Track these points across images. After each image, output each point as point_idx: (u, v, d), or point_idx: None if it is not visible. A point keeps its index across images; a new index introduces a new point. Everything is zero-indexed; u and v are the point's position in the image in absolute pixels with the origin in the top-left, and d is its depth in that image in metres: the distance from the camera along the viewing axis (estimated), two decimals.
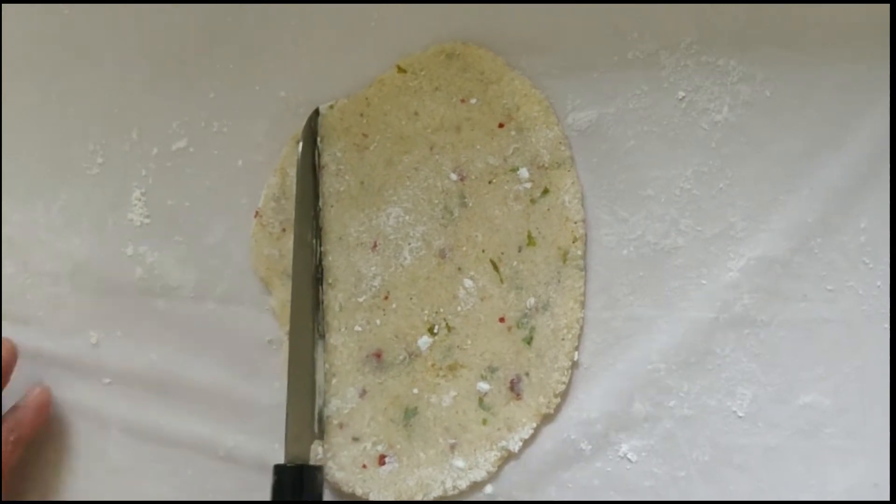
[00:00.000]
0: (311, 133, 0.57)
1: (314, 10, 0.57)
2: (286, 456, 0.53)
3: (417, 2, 0.56)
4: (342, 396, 0.56)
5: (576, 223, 0.54)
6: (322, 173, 0.57)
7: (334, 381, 0.56)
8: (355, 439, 0.56)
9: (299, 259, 0.56)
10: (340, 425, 0.56)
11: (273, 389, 0.57)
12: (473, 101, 0.55)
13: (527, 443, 0.54)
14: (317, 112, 0.57)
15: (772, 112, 0.53)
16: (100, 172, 0.59)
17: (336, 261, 0.57)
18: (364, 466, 0.55)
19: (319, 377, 0.56)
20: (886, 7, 0.51)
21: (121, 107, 0.60)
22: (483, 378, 0.55)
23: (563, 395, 0.54)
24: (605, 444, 0.54)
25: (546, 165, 0.54)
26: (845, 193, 0.52)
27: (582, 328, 0.54)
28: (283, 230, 0.57)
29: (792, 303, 0.52)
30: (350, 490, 0.55)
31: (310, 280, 0.56)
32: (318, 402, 0.56)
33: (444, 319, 0.55)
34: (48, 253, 0.60)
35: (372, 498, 0.55)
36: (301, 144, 0.56)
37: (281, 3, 0.57)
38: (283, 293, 0.57)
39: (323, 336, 0.56)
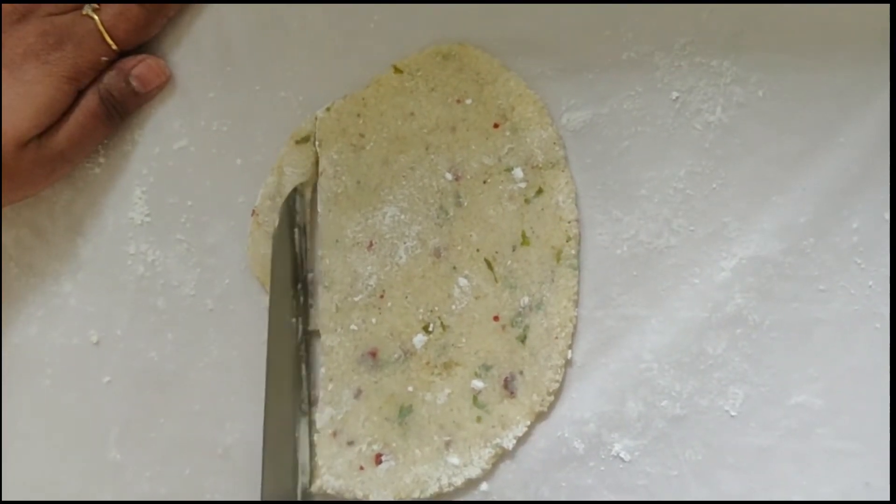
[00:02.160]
0: (290, 212, 0.57)
1: (313, 12, 0.57)
2: None
3: (415, 2, 0.56)
4: (337, 403, 0.56)
5: (569, 223, 0.54)
6: (320, 179, 0.57)
7: (330, 385, 0.57)
8: (350, 443, 0.56)
9: (276, 348, 0.56)
10: (334, 433, 0.56)
11: None
12: (469, 101, 0.56)
13: (521, 441, 0.55)
14: (295, 190, 0.57)
15: (765, 113, 0.53)
16: (102, 171, 0.60)
17: (333, 263, 0.57)
18: (361, 468, 0.56)
19: (303, 456, 0.56)
20: (882, 10, 0.51)
21: None
22: (477, 376, 0.55)
23: (557, 394, 0.54)
24: (598, 443, 0.54)
25: (540, 165, 0.55)
26: (837, 194, 0.52)
27: (575, 327, 0.54)
28: None
29: (784, 303, 0.52)
30: (351, 495, 0.55)
31: (291, 368, 0.56)
32: (302, 480, 0.55)
33: (439, 318, 0.55)
34: (51, 252, 0.61)
35: (373, 498, 0.55)
36: (277, 224, 0.56)
37: (281, 2, 0.57)
38: None
39: (307, 412, 0.57)
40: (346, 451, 0.56)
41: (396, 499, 0.55)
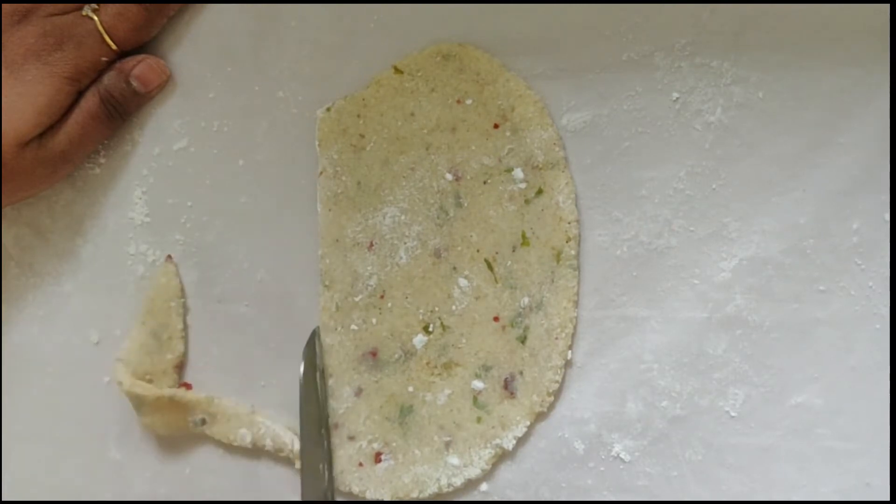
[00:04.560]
0: (312, 355, 0.57)
1: (313, 11, 0.57)
2: None
3: (415, 2, 0.56)
4: (338, 397, 0.56)
5: (569, 223, 0.54)
6: (320, 178, 0.57)
7: (331, 381, 0.57)
8: (351, 438, 0.56)
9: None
10: (336, 425, 0.56)
11: (272, 389, 0.58)
12: (469, 101, 0.56)
13: (521, 441, 0.55)
14: (314, 333, 0.57)
15: (765, 114, 0.53)
16: (102, 171, 0.60)
17: (333, 262, 0.57)
18: (360, 465, 0.56)
19: None
20: (882, 10, 0.51)
21: None
22: (477, 376, 0.55)
23: (557, 394, 0.54)
24: (598, 443, 0.54)
25: (540, 166, 0.55)
26: (837, 195, 0.52)
27: (575, 327, 0.55)
28: None
29: (784, 304, 0.53)
30: (346, 489, 0.56)
31: None
32: None
33: (439, 318, 0.56)
34: (51, 252, 0.61)
35: (368, 496, 0.56)
36: (302, 370, 0.56)
37: (281, 2, 0.57)
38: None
39: None
40: (346, 445, 0.56)
41: (395, 499, 0.55)
